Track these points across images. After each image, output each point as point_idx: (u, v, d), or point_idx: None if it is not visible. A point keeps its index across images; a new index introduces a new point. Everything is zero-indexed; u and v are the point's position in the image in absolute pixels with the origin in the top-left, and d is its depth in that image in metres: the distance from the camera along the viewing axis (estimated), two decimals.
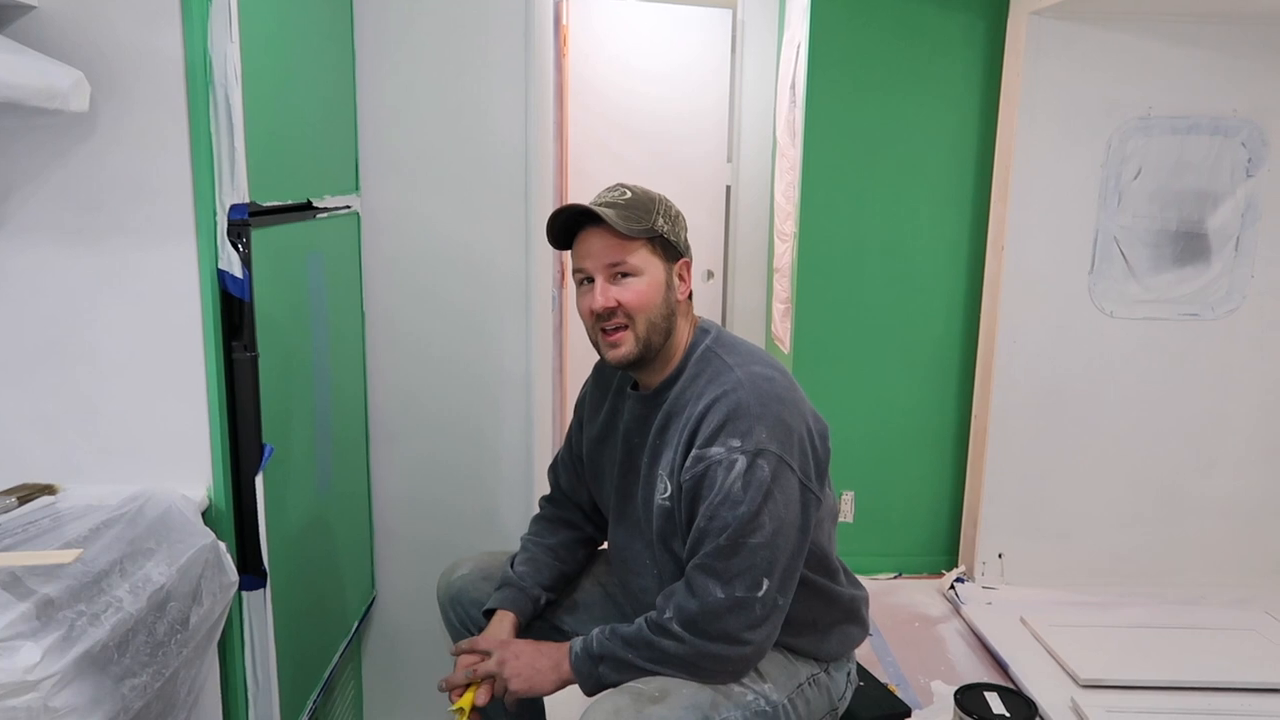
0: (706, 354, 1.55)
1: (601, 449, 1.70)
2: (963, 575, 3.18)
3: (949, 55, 3.06)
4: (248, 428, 1.44)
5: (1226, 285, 3.01)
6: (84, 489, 1.36)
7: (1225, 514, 3.12)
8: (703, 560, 1.43)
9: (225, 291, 1.39)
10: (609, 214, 1.48)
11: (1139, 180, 2.95)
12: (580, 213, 1.52)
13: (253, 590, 1.48)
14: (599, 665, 1.49)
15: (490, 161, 2.03)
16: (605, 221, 1.48)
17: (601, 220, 1.48)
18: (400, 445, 2.13)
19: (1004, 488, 3.11)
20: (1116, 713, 2.35)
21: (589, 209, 1.50)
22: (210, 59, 1.32)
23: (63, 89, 1.21)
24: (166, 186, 1.34)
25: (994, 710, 2.08)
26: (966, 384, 3.23)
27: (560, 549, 1.77)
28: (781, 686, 1.53)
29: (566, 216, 1.54)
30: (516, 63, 2.00)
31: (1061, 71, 2.89)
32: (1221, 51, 2.88)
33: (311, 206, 1.73)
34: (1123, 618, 2.88)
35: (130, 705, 1.11)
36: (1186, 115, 2.91)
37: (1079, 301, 3.02)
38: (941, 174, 3.13)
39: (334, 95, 1.88)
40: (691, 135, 4.08)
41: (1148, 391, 3.06)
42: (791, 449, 1.46)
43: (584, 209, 1.51)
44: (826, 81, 3.09)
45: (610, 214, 1.48)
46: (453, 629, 1.77)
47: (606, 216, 1.48)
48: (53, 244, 1.35)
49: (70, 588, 1.08)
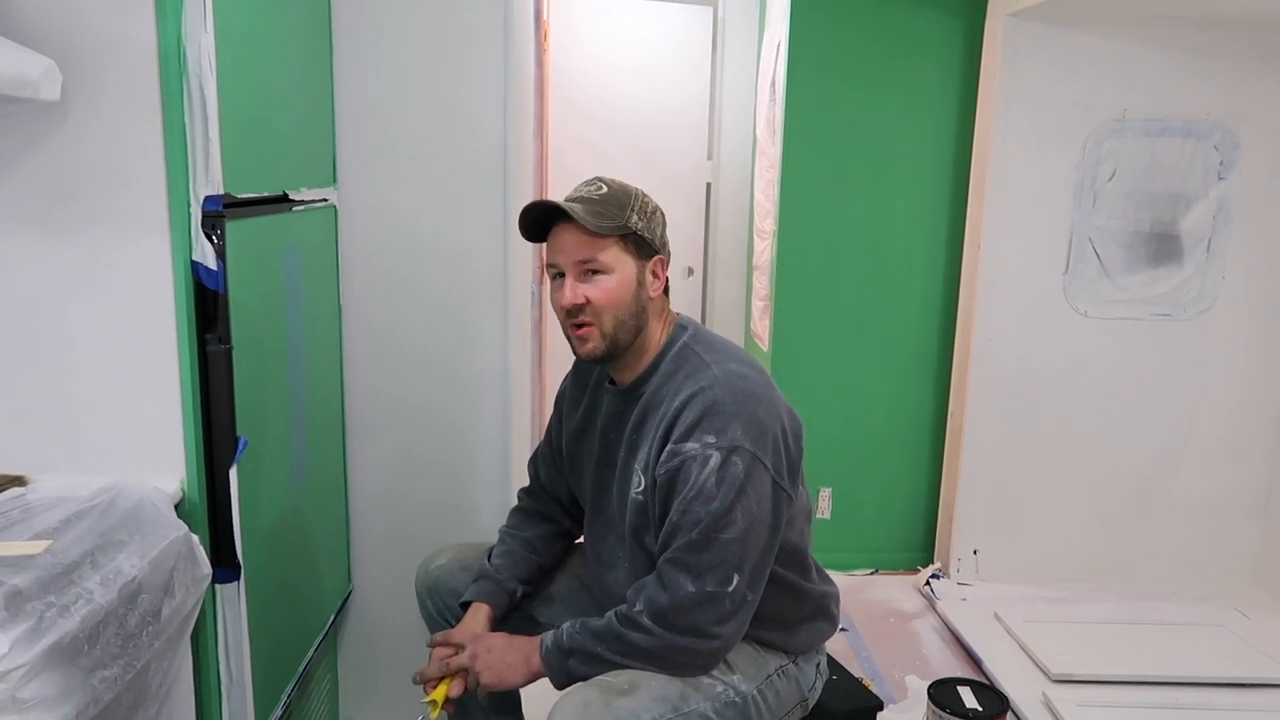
0: (684, 350, 1.55)
1: (580, 443, 1.71)
2: (938, 571, 3.20)
3: (927, 56, 3.08)
4: (221, 420, 1.43)
5: (1198, 286, 3.04)
6: (55, 480, 1.35)
7: (1195, 512, 3.16)
8: (674, 554, 1.44)
9: (199, 283, 1.38)
10: (579, 211, 1.48)
11: (1114, 181, 2.98)
12: (552, 208, 1.52)
13: (226, 583, 1.47)
14: (569, 659, 1.49)
15: (469, 156, 2.02)
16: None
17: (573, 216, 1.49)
18: (377, 439, 2.12)
19: (979, 485, 3.14)
20: (1088, 707, 2.38)
21: (558, 206, 1.50)
22: (184, 48, 1.31)
23: (33, 77, 1.20)
24: (140, 177, 1.33)
25: (967, 704, 2.10)
26: (943, 382, 3.25)
27: (537, 542, 1.77)
28: (750, 678, 1.54)
29: (539, 211, 1.54)
30: (496, 57, 1.99)
31: (1038, 73, 2.92)
32: (1195, 55, 2.92)
33: (288, 199, 1.72)
34: (1095, 613, 2.91)
35: (100, 697, 1.11)
36: (1160, 118, 2.95)
37: (1054, 301, 3.05)
38: (919, 173, 3.15)
39: (311, 87, 1.87)
40: (672, 132, 4.09)
41: (1121, 390, 3.10)
42: (766, 447, 1.47)
43: (553, 205, 1.51)
44: (806, 80, 3.10)
45: (580, 211, 1.48)
46: (430, 619, 1.78)
47: (575, 214, 1.47)
48: (23, 234, 1.34)
49: (40, 579, 1.07)
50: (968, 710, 2.08)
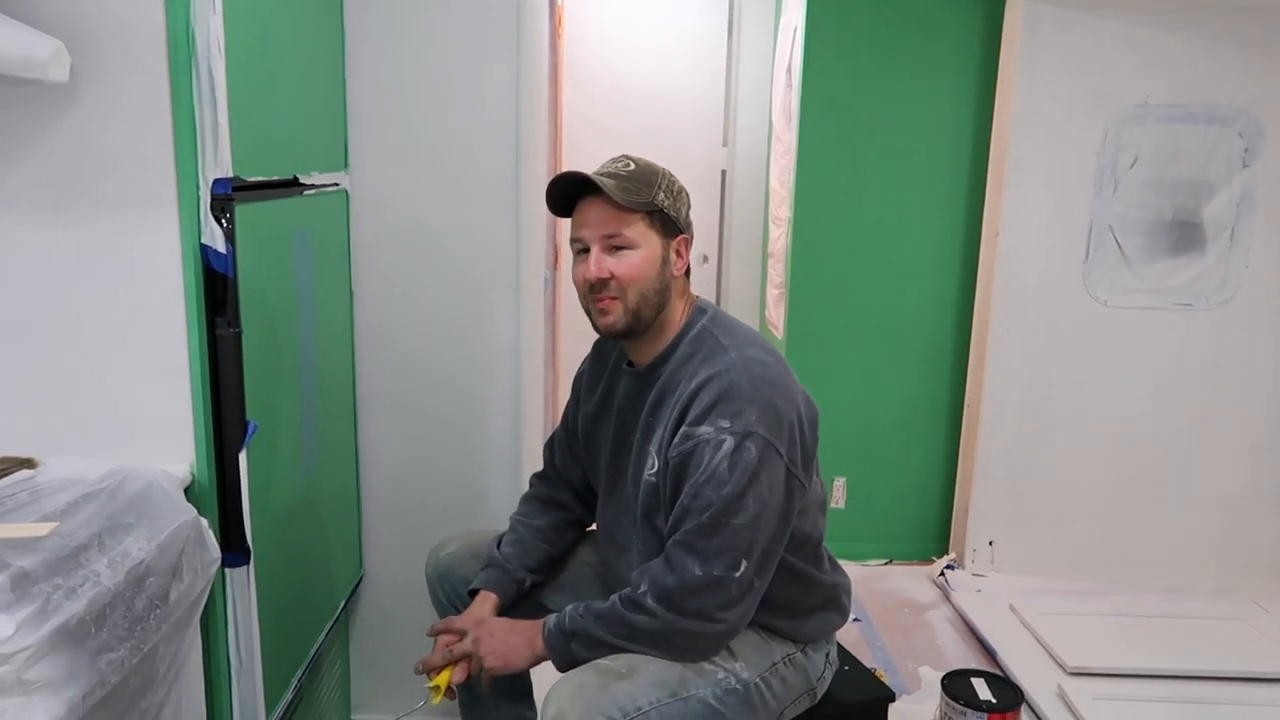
0: (702, 333, 1.54)
1: (596, 425, 1.70)
2: (953, 562, 3.18)
3: (945, 41, 3.04)
4: (231, 404, 1.43)
5: (1220, 276, 3.00)
6: (64, 463, 1.35)
7: (1214, 504, 3.12)
8: (683, 537, 1.43)
9: (208, 267, 1.37)
10: (608, 184, 1.48)
11: (1135, 169, 2.94)
12: (581, 181, 1.51)
13: (236, 567, 1.47)
14: (571, 641, 1.49)
15: (482, 141, 2.01)
16: (604, 192, 1.47)
17: (601, 190, 1.48)
18: (389, 425, 2.11)
19: (995, 475, 3.11)
20: (1103, 700, 2.36)
21: (588, 177, 1.49)
22: (193, 30, 1.30)
23: (41, 59, 1.19)
24: (148, 159, 1.32)
25: (981, 696, 2.08)
26: (959, 371, 3.22)
27: (548, 530, 1.76)
28: (754, 666, 1.53)
29: (566, 183, 1.53)
30: (509, 41, 1.98)
31: (1058, 58, 2.88)
32: (1219, 40, 2.87)
33: (299, 183, 1.72)
34: (1111, 606, 2.89)
35: (107, 679, 1.11)
36: (1183, 104, 2.90)
37: (1073, 290, 3.01)
38: (937, 160, 3.12)
39: (322, 71, 1.86)
40: (687, 118, 4.07)
41: (1140, 381, 3.06)
42: (780, 434, 1.46)
43: (584, 177, 1.50)
44: (823, 66, 3.07)
45: (610, 184, 1.48)
46: (440, 606, 1.77)
47: (606, 187, 1.47)
48: (32, 217, 1.33)
49: (47, 561, 1.07)
50: (982, 702, 2.06)
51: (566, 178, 1.53)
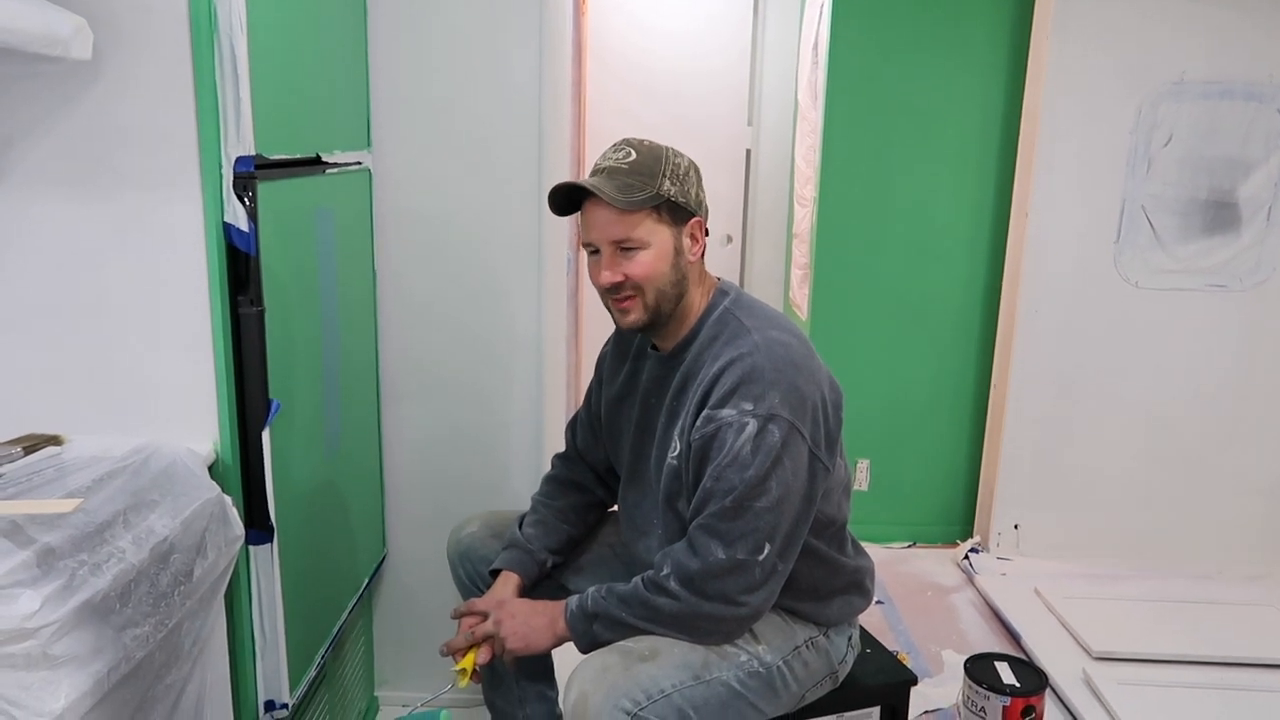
0: (725, 316, 1.53)
1: (619, 409, 1.69)
2: (977, 546, 3.16)
3: (975, 16, 2.99)
4: (254, 382, 1.43)
5: (1256, 256, 2.94)
6: (90, 440, 1.36)
7: (1245, 490, 3.07)
8: (706, 520, 1.42)
9: (231, 245, 1.37)
10: (608, 189, 1.44)
11: (1169, 147, 2.88)
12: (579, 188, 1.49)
13: (259, 545, 1.48)
14: (593, 623, 1.48)
15: (504, 121, 1.99)
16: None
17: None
18: (412, 404, 2.12)
19: (1021, 458, 3.08)
20: (1128, 685, 2.34)
21: (585, 188, 1.46)
22: (215, 7, 1.30)
23: (64, 35, 1.19)
24: (171, 137, 1.32)
25: (1005, 680, 2.06)
26: (986, 352, 3.19)
27: (569, 511, 1.76)
28: (776, 649, 1.52)
29: (567, 189, 1.51)
30: (532, 21, 1.96)
31: (1092, 34, 2.81)
32: (1258, 14, 2.79)
33: (321, 161, 1.71)
34: (1138, 591, 2.85)
35: (132, 654, 1.12)
36: (1220, 81, 2.83)
37: (1104, 271, 2.96)
38: (965, 139, 3.07)
39: (345, 49, 1.85)
40: (712, 97, 4.02)
41: (1171, 364, 3.01)
42: (804, 417, 1.44)
43: (579, 187, 1.48)
44: (849, 43, 3.03)
45: (610, 188, 1.45)
46: (461, 585, 1.78)
47: (604, 194, 1.44)
48: (56, 195, 1.34)
49: (72, 537, 1.08)
50: (1005, 686, 2.04)
51: (565, 187, 1.50)
